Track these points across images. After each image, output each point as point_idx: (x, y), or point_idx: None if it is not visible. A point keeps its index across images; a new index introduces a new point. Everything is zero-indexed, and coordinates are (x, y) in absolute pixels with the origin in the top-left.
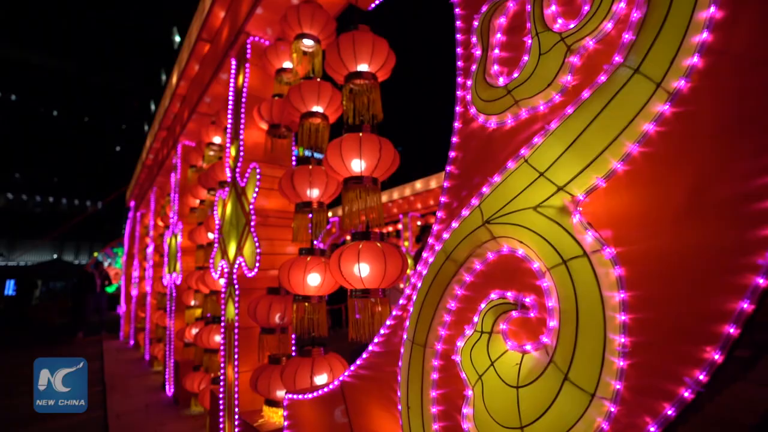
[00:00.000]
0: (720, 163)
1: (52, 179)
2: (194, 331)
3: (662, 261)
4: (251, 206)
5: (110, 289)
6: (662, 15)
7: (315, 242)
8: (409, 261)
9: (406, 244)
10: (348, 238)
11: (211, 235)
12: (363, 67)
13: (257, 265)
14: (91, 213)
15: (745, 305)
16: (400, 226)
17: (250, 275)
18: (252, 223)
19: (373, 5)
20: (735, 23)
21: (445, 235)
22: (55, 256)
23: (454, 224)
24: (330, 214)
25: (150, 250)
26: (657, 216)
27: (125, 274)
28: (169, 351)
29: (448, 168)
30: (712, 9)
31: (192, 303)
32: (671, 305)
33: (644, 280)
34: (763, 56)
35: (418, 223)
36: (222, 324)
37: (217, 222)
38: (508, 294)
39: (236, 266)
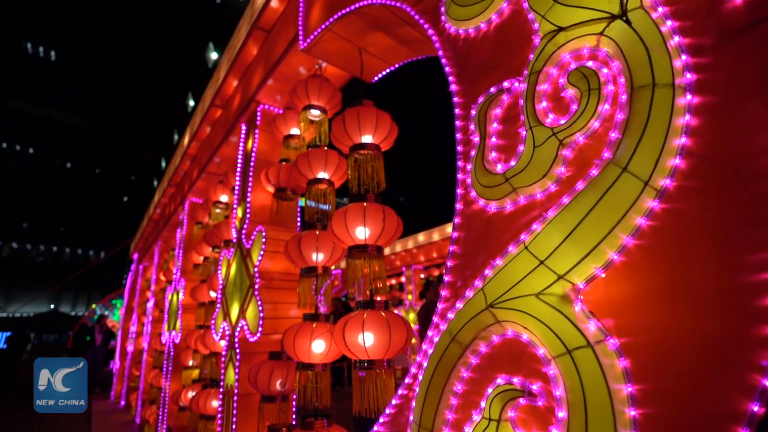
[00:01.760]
0: (715, 258)
1: (58, 229)
2: (191, 394)
3: (666, 354)
4: (256, 269)
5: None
6: (644, 119)
7: (320, 306)
8: (412, 315)
9: (410, 297)
10: (351, 290)
11: (213, 294)
12: (367, 139)
13: (260, 329)
14: (94, 265)
15: (756, 408)
16: (403, 279)
17: (252, 340)
18: (256, 286)
19: (376, 78)
20: (710, 129)
21: (450, 315)
22: (52, 306)
23: (459, 305)
24: (332, 266)
25: (150, 304)
26: (657, 307)
27: (122, 327)
28: (162, 415)
29: (451, 248)
30: (687, 117)
31: (190, 363)
32: (681, 401)
33: (650, 373)
34: (739, 159)
35: (422, 276)
36: (221, 389)
37: (220, 282)
38: (515, 380)
39: (238, 329)
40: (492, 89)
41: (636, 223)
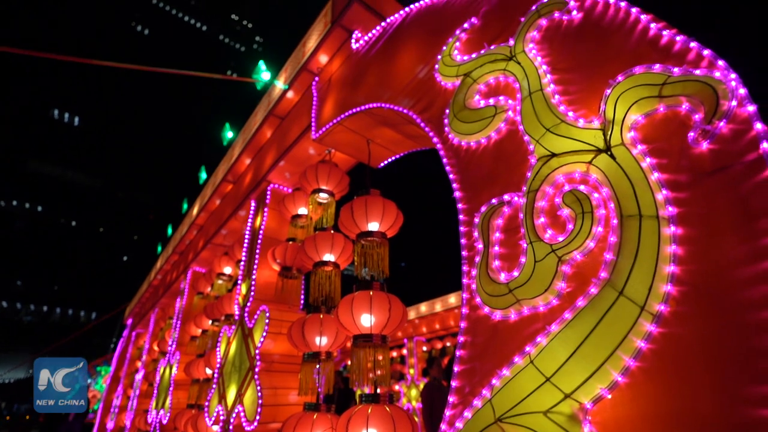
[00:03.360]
0: (715, 388)
1: (52, 287)
2: None
3: None
4: (257, 351)
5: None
6: (634, 247)
7: (321, 392)
8: (414, 392)
9: (411, 371)
10: (349, 363)
11: (209, 371)
12: (374, 226)
13: (258, 417)
14: (83, 331)
15: None
16: (404, 351)
17: (249, 429)
18: (256, 369)
19: (382, 165)
20: (695, 259)
21: (459, 425)
22: (30, 371)
23: (467, 414)
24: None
25: (139, 376)
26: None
27: (104, 400)
28: None
29: (458, 352)
30: (674, 246)
31: None
32: None
33: None
34: (725, 289)
35: (424, 348)
36: None
37: (218, 360)
38: None
39: (234, 415)
40: (494, 200)
41: (637, 345)
